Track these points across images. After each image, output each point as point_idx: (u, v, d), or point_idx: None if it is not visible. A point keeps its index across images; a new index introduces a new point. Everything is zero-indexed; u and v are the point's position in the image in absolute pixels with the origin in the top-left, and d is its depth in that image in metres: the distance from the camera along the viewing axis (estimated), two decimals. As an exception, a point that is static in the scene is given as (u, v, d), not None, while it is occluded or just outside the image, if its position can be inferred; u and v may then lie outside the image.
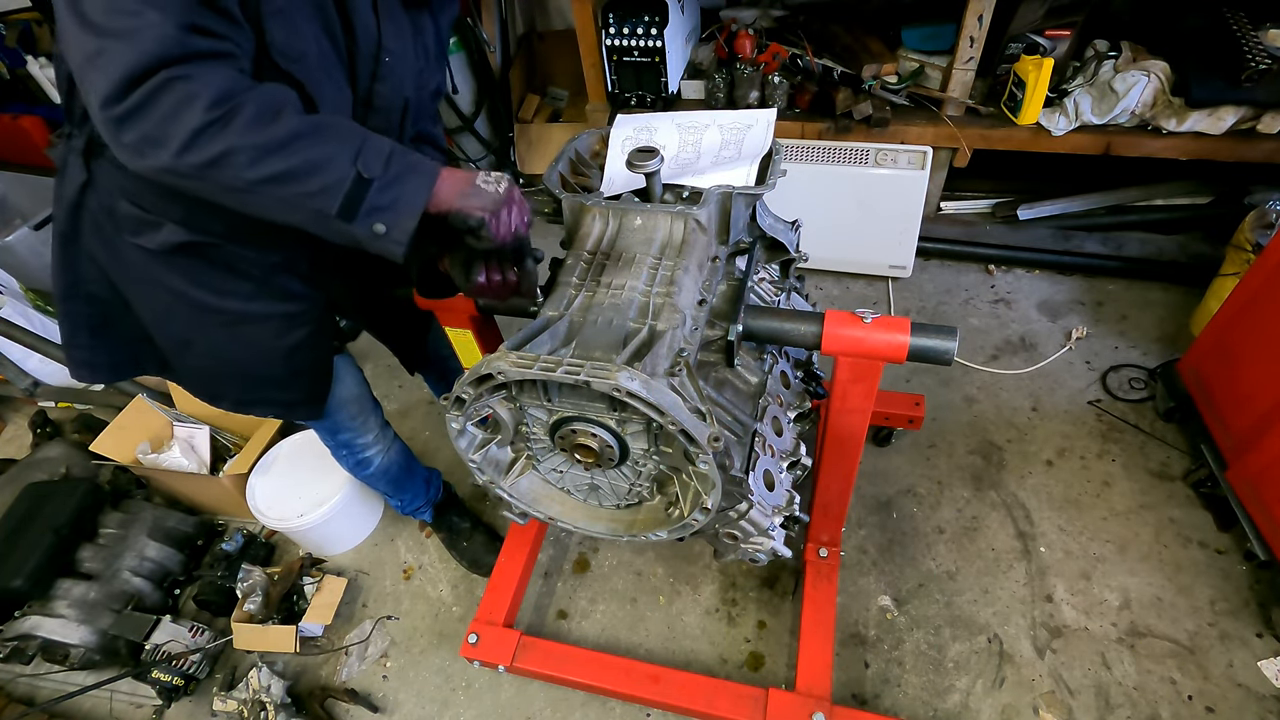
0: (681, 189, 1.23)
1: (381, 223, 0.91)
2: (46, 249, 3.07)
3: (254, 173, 0.84)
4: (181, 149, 0.81)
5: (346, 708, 1.78)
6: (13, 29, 3.86)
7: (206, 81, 0.81)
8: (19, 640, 1.76)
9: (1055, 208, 2.64)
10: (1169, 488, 1.94)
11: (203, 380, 1.35)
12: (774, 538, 1.26)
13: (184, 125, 0.80)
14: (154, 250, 1.10)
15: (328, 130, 0.89)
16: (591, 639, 1.84)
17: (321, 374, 1.41)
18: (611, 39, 2.47)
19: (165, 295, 1.17)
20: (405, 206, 0.92)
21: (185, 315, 1.19)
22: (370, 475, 1.74)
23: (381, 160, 0.90)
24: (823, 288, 2.68)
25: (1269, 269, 1.66)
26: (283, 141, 0.85)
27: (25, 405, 2.69)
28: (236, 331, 1.22)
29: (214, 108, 0.80)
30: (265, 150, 0.84)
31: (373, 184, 0.89)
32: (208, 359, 1.27)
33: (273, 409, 1.41)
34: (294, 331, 1.27)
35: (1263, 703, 1.56)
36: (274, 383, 1.33)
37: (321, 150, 0.87)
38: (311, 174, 0.87)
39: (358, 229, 0.91)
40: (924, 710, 1.63)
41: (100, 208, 1.10)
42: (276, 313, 1.23)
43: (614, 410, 1.02)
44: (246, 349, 1.25)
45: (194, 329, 1.22)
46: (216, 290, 1.17)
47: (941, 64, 2.35)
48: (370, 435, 1.65)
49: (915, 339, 1.08)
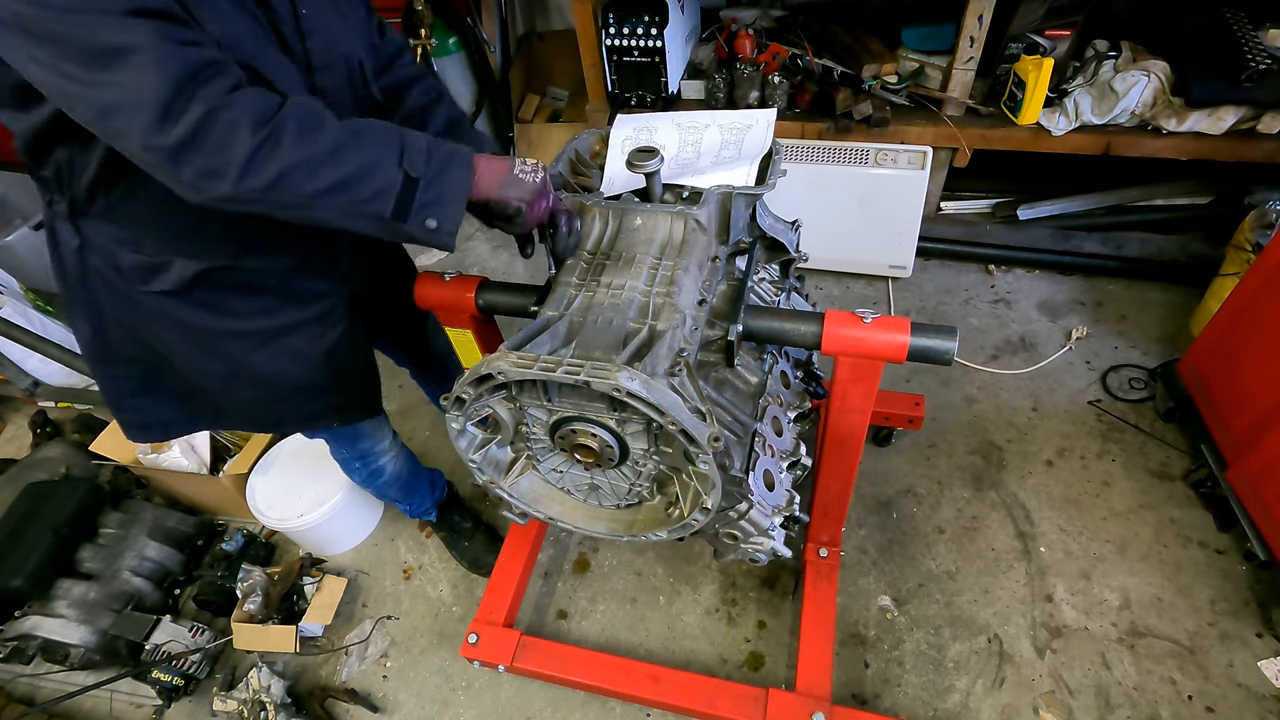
0: (681, 189, 1.23)
1: (433, 218, 0.94)
2: (46, 249, 3.10)
3: (312, 186, 0.86)
4: (240, 175, 0.82)
5: (346, 708, 1.78)
6: (13, 29, 3.85)
7: (243, 106, 0.82)
8: (19, 640, 1.77)
9: (1055, 208, 2.64)
10: (1169, 488, 1.94)
11: (258, 411, 1.34)
12: (774, 538, 1.26)
13: (237, 153, 0.81)
14: (171, 292, 1.10)
15: (368, 134, 0.91)
16: (591, 639, 1.84)
17: (367, 370, 1.41)
18: (611, 39, 2.47)
19: (197, 336, 1.16)
20: (450, 200, 0.95)
21: (221, 350, 1.19)
22: (384, 484, 1.73)
23: (423, 157, 0.92)
24: (823, 288, 2.68)
25: (1269, 269, 1.66)
26: (331, 152, 0.86)
27: (25, 405, 2.69)
28: (274, 348, 1.22)
29: (259, 129, 0.82)
30: (318, 163, 0.86)
31: (420, 182, 0.92)
32: (256, 387, 1.26)
33: (334, 417, 1.41)
34: (328, 333, 1.27)
35: (1263, 703, 1.56)
36: (324, 390, 1.33)
37: (368, 155, 0.89)
38: (364, 180, 0.89)
39: (411, 227, 0.93)
40: (924, 710, 1.63)
41: (105, 266, 1.08)
42: (307, 318, 1.24)
43: (614, 410, 1.02)
44: (289, 363, 1.25)
45: (234, 361, 1.21)
46: (243, 315, 1.16)
47: (941, 64, 2.35)
48: (386, 442, 1.65)
49: (915, 339, 1.08)
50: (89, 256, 1.08)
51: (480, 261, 3.09)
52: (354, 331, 1.33)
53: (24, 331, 2.30)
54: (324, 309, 1.26)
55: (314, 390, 1.32)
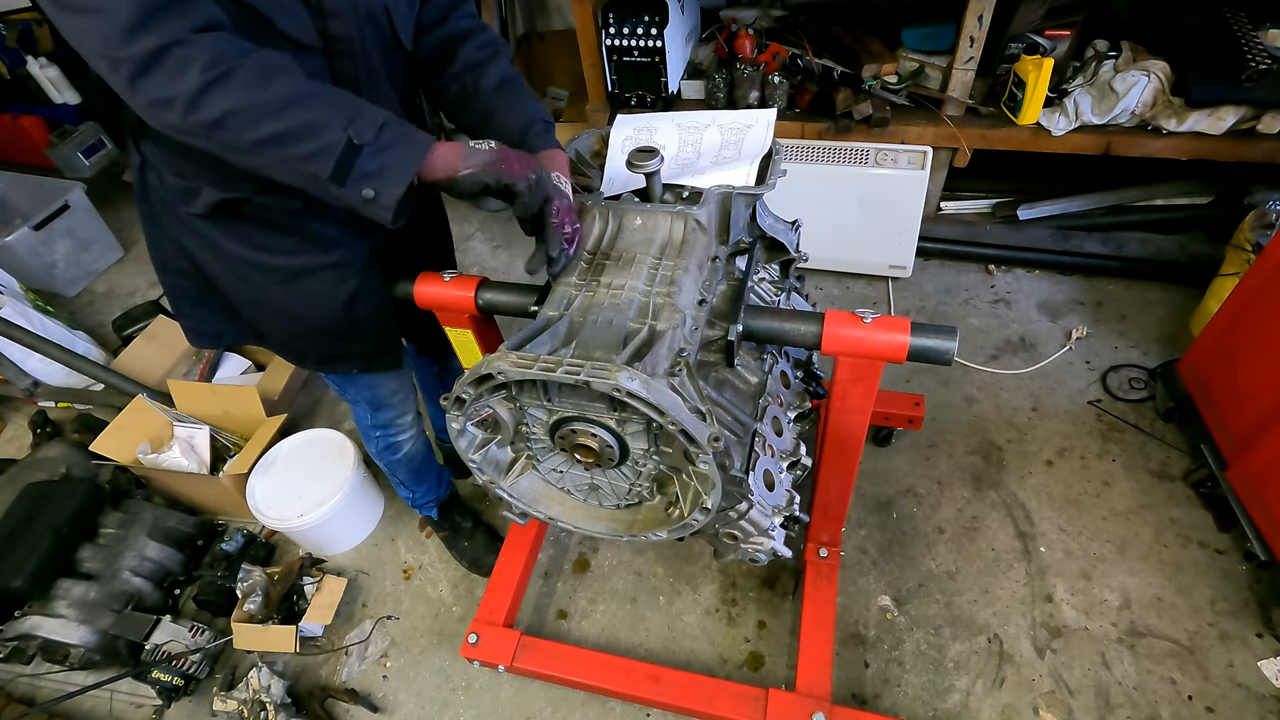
0: (681, 189, 1.23)
1: (370, 188, 0.95)
2: (46, 249, 3.11)
3: (253, 134, 0.88)
4: (186, 109, 0.86)
5: (346, 708, 1.78)
6: (13, 29, 3.86)
7: (201, 47, 0.85)
8: (19, 640, 1.76)
9: (1055, 208, 2.64)
10: (1169, 488, 1.94)
11: (284, 341, 1.40)
12: (774, 538, 1.26)
13: (184, 87, 0.84)
14: (202, 215, 1.15)
15: (324, 97, 0.93)
16: (591, 639, 1.84)
17: (386, 322, 1.42)
18: (611, 39, 2.47)
19: (228, 259, 1.22)
20: (393, 174, 0.96)
21: (247, 277, 1.24)
22: (396, 461, 1.75)
23: (374, 129, 0.94)
24: (823, 288, 2.68)
25: (1269, 269, 1.66)
26: (279, 104, 0.88)
27: (25, 405, 2.69)
28: (294, 288, 1.26)
29: (210, 69, 0.84)
30: (263, 111, 0.88)
31: (363, 150, 0.93)
32: (279, 320, 1.32)
33: (353, 363, 1.45)
34: (345, 283, 1.29)
35: (1263, 703, 1.56)
36: (344, 336, 1.36)
37: (316, 114, 0.91)
38: (305, 137, 0.90)
39: (348, 193, 0.95)
40: (924, 710, 1.63)
41: (159, 184, 1.15)
42: (324, 264, 1.26)
43: (614, 410, 1.02)
44: (308, 304, 1.29)
45: (258, 291, 1.26)
46: (265, 248, 1.20)
47: (941, 64, 2.35)
48: (409, 418, 1.68)
49: (915, 339, 1.08)
50: (148, 175, 1.16)
51: (480, 261, 3.09)
52: (373, 284, 1.34)
53: (24, 331, 2.30)
54: (341, 257, 1.27)
55: (333, 336, 1.36)
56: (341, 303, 1.30)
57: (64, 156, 3.78)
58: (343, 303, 1.30)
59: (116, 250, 3.41)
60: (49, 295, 3.07)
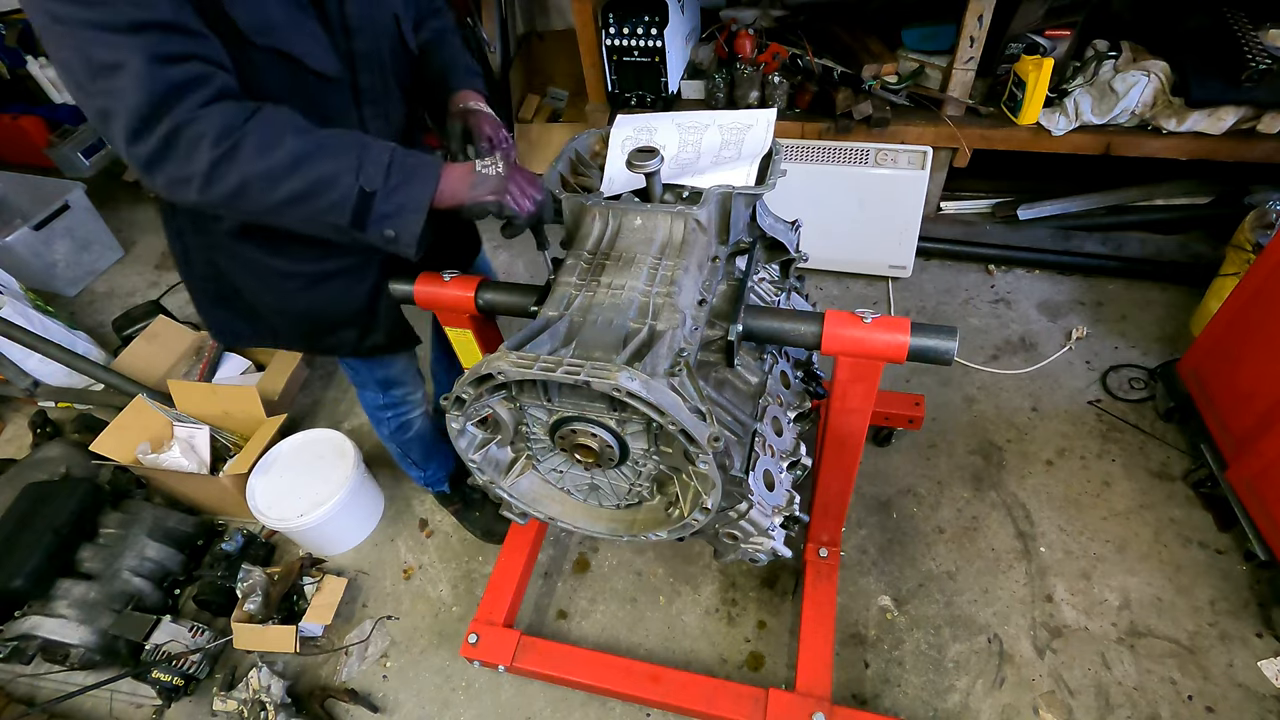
0: (681, 189, 1.23)
1: (390, 229, 1.00)
2: (46, 249, 3.11)
3: (271, 197, 0.94)
4: (203, 186, 0.91)
5: (346, 708, 1.78)
6: (13, 29, 3.86)
7: (210, 122, 0.89)
8: (19, 640, 1.77)
9: (1055, 208, 2.64)
10: (1169, 488, 1.94)
11: (311, 339, 1.42)
12: (774, 538, 1.26)
13: (198, 165, 0.89)
14: (228, 232, 1.18)
15: (331, 146, 0.96)
16: (591, 639, 1.84)
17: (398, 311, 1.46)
18: (611, 39, 2.47)
19: (255, 268, 1.25)
20: (409, 213, 1.00)
21: (272, 285, 1.27)
22: (409, 440, 1.78)
23: (381, 172, 0.98)
24: (823, 288, 2.68)
25: (1269, 269, 1.66)
26: (289, 165, 0.93)
27: (25, 405, 2.69)
28: (318, 292, 1.29)
29: (219, 144, 0.89)
30: (275, 176, 0.93)
31: (376, 196, 0.97)
32: (307, 321, 1.35)
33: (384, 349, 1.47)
34: (365, 281, 1.32)
35: (1263, 703, 1.56)
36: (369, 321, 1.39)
37: (326, 168, 0.95)
38: (320, 193, 0.95)
39: (370, 236, 1.00)
40: (924, 710, 1.63)
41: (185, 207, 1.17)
42: (347, 266, 1.29)
43: (614, 410, 1.02)
44: (333, 303, 1.32)
45: (285, 299, 1.30)
46: (291, 256, 1.23)
47: (941, 64, 2.35)
48: (418, 394, 1.71)
49: (915, 339, 1.08)
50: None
51: (480, 261, 3.08)
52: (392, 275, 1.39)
53: (24, 331, 2.30)
54: (364, 258, 1.30)
55: (363, 323, 1.39)
56: (365, 296, 1.34)
57: (64, 156, 3.78)
58: (366, 296, 1.34)
59: (116, 250, 3.41)
60: (49, 295, 3.07)
